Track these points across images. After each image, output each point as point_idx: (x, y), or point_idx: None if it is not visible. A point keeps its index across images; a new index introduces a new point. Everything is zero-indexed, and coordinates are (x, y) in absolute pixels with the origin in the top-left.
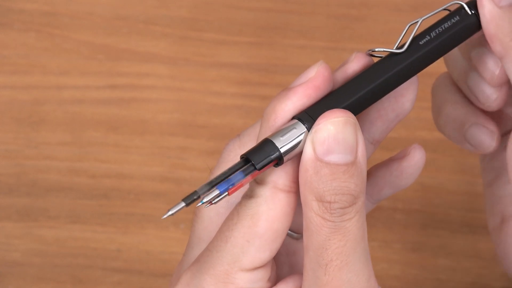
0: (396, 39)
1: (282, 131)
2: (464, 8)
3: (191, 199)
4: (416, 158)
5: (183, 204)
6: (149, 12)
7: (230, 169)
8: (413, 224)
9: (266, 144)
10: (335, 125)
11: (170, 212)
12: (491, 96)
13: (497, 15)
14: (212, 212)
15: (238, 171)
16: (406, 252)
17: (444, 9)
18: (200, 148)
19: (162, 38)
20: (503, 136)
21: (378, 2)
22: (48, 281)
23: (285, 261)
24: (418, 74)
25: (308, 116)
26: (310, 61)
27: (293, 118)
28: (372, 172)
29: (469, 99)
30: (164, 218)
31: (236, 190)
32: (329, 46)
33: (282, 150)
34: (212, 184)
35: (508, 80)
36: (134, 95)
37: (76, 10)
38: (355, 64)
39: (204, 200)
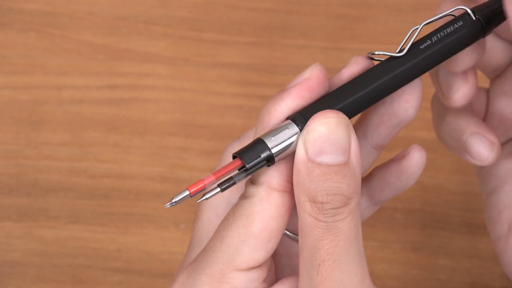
0: (396, 39)
1: (274, 131)
2: (468, 14)
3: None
4: (415, 158)
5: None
6: (149, 12)
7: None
8: (413, 224)
9: (258, 144)
10: (326, 125)
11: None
12: (453, 86)
13: None
14: (212, 213)
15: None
16: (406, 252)
17: (449, 14)
18: (200, 148)
19: (162, 38)
20: (506, 143)
21: (378, 2)
22: (48, 281)
23: (287, 264)
24: (421, 77)
25: (302, 117)
26: (310, 61)
27: (287, 119)
28: (372, 174)
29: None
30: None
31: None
32: (329, 46)
33: (273, 150)
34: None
35: (474, 74)
36: (134, 95)
37: (76, 10)
38: (354, 67)
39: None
